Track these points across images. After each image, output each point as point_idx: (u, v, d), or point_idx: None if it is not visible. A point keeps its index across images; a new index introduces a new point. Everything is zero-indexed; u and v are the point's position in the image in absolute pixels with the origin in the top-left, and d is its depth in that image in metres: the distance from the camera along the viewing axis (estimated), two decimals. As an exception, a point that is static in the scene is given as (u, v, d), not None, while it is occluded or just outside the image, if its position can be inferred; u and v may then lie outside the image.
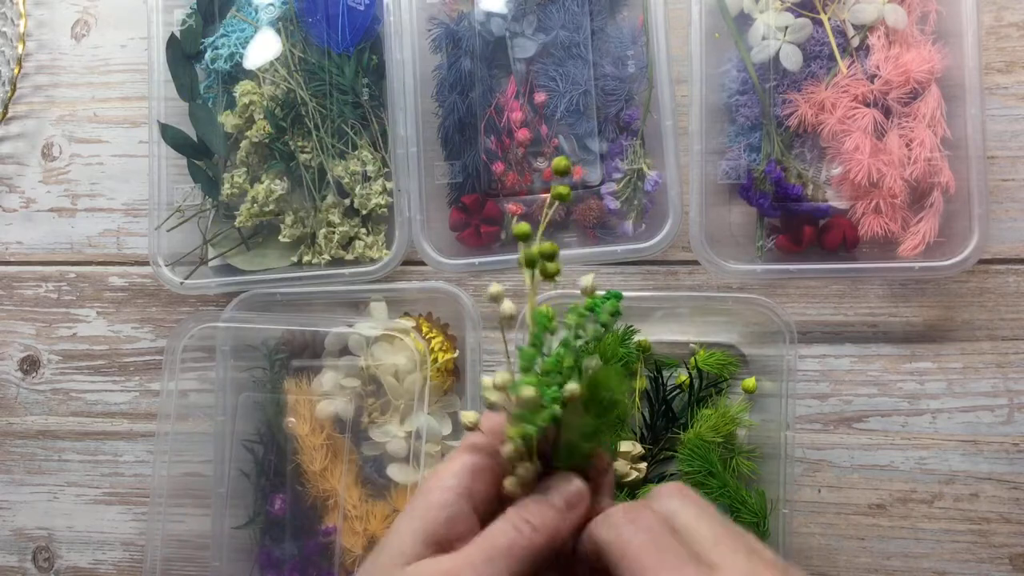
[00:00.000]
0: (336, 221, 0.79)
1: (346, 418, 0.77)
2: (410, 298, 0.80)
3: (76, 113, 0.86)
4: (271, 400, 0.79)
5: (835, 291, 0.77)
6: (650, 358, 0.76)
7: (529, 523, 0.48)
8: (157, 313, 0.85)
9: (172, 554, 0.80)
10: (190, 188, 0.81)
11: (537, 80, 0.78)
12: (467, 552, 0.47)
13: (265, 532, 0.79)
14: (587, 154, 0.78)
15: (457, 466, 0.50)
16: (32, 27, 0.87)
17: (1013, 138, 0.76)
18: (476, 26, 0.78)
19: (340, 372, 0.77)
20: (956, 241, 0.72)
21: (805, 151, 0.76)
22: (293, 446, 0.78)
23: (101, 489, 0.85)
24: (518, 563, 0.47)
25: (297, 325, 0.79)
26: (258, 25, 0.80)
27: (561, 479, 0.50)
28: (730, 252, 0.75)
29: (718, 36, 0.76)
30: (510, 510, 0.49)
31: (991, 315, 0.76)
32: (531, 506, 0.49)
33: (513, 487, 0.50)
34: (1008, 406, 0.75)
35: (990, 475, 0.75)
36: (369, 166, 0.79)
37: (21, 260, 0.87)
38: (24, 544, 0.86)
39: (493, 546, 0.47)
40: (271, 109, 0.78)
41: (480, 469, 0.50)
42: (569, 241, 0.79)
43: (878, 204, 0.74)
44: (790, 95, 0.75)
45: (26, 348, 0.86)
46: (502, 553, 0.47)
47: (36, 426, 0.86)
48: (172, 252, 0.80)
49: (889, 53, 0.74)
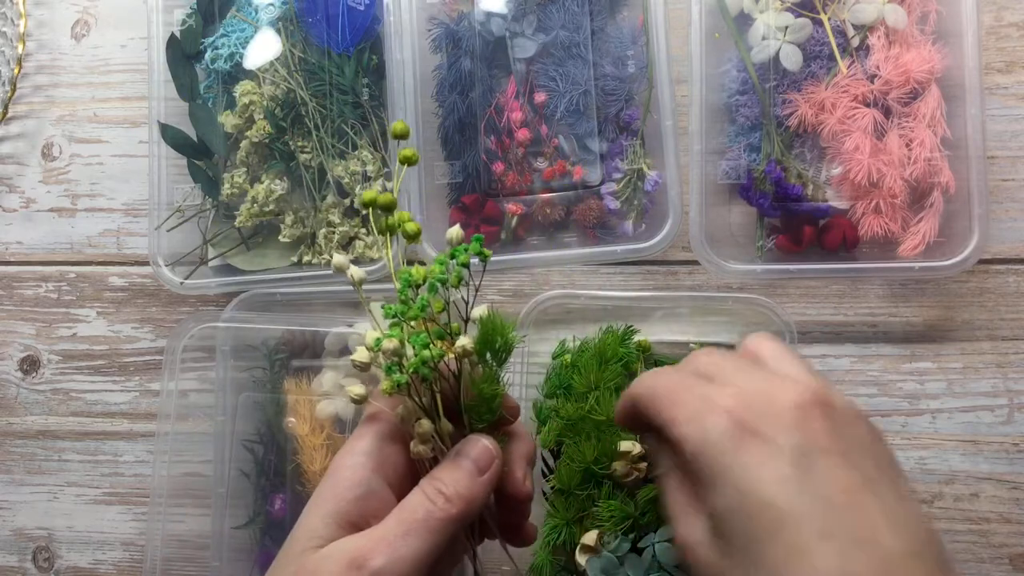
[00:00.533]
0: (336, 221, 0.79)
1: (346, 418, 0.77)
2: (410, 298, 0.80)
3: (76, 113, 0.86)
4: (271, 400, 0.79)
5: (835, 291, 0.77)
6: (650, 358, 0.76)
7: (443, 494, 0.48)
8: (157, 313, 0.85)
9: (172, 554, 0.80)
10: (190, 188, 0.81)
11: (537, 80, 0.78)
12: (382, 528, 0.47)
13: (265, 532, 0.78)
14: (587, 154, 0.78)
15: (364, 442, 0.50)
16: (32, 27, 0.87)
17: (1013, 138, 0.76)
18: (476, 26, 0.78)
19: (340, 372, 0.77)
20: (956, 241, 0.72)
21: (805, 151, 0.76)
22: (293, 446, 0.78)
23: (101, 489, 0.85)
24: (434, 535, 0.47)
25: (297, 325, 0.79)
26: (258, 25, 0.80)
27: (470, 442, 0.51)
28: (730, 252, 0.75)
29: (718, 36, 0.76)
30: (423, 481, 0.49)
31: (991, 315, 0.76)
32: (443, 474, 0.49)
33: (418, 448, 0.50)
34: (1008, 406, 0.75)
35: (990, 475, 0.75)
36: (369, 166, 0.79)
37: (21, 260, 0.87)
38: (24, 544, 0.86)
39: (409, 520, 0.47)
40: (271, 109, 0.78)
41: (387, 440, 0.50)
42: (569, 241, 0.79)
43: (878, 204, 0.74)
44: (790, 95, 0.75)
45: (26, 348, 0.86)
46: (419, 527, 0.47)
47: (36, 426, 0.86)
48: (172, 252, 0.80)
49: (889, 53, 0.74)
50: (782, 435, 0.44)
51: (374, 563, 0.45)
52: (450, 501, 0.48)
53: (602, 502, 0.70)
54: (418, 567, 0.46)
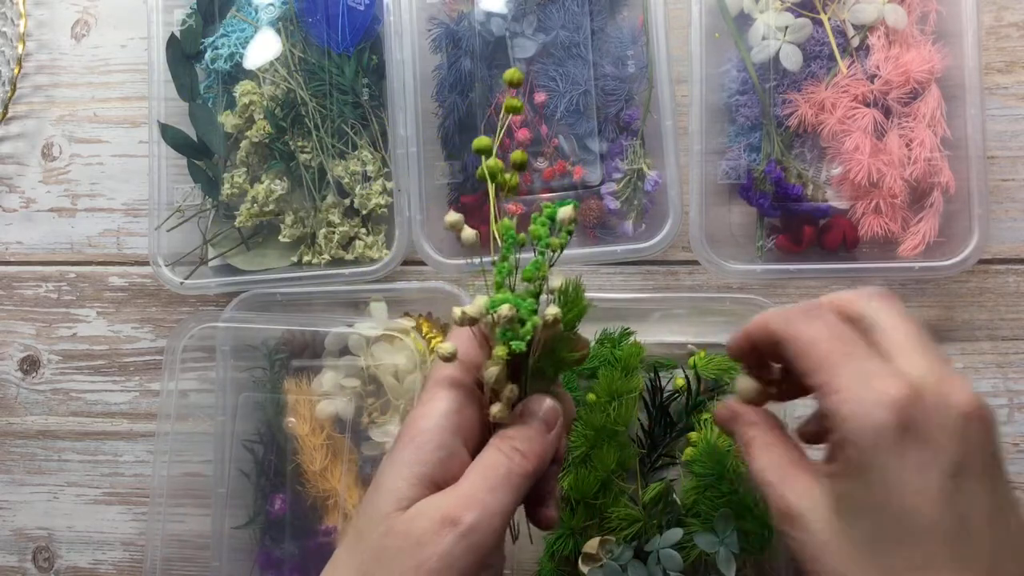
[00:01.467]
0: (336, 221, 0.79)
1: (346, 418, 0.77)
2: (410, 298, 0.80)
3: (76, 113, 0.86)
4: (271, 400, 0.79)
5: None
6: (647, 360, 0.75)
7: (518, 450, 0.49)
8: (157, 313, 0.85)
9: (172, 554, 0.80)
10: (190, 188, 0.81)
11: (537, 80, 0.78)
12: (468, 486, 0.48)
13: (265, 532, 0.78)
14: (587, 154, 0.78)
15: (443, 404, 0.50)
16: (32, 27, 0.87)
17: (1013, 138, 0.76)
18: (476, 26, 0.78)
19: (340, 372, 0.77)
20: (956, 241, 0.72)
21: (805, 151, 0.76)
22: (293, 446, 0.78)
23: (101, 489, 0.85)
24: (516, 490, 0.48)
25: (297, 325, 0.79)
26: (258, 25, 0.80)
27: (535, 402, 0.51)
28: (730, 252, 0.75)
29: (718, 36, 0.76)
30: (496, 439, 0.50)
31: (991, 315, 0.76)
32: (516, 433, 0.50)
33: (501, 413, 0.50)
34: (1008, 406, 0.75)
35: (990, 475, 0.75)
36: (369, 166, 0.79)
37: (21, 260, 0.87)
38: (24, 544, 0.86)
39: (492, 476, 0.48)
40: (271, 109, 0.78)
41: (464, 402, 0.51)
42: (569, 241, 0.79)
43: (878, 204, 0.74)
44: (790, 95, 0.75)
45: (26, 348, 0.86)
46: (502, 483, 0.48)
47: (36, 426, 0.86)
48: (172, 252, 0.80)
49: (889, 53, 0.74)
50: (946, 444, 0.44)
51: (467, 518, 0.45)
52: (526, 457, 0.49)
53: (613, 509, 0.70)
54: (505, 520, 0.47)
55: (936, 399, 0.44)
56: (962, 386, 0.45)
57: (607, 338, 0.75)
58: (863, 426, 0.44)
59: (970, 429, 0.44)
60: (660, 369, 0.75)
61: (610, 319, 0.76)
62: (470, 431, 0.51)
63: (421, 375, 0.74)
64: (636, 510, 0.70)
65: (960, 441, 0.44)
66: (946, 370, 0.46)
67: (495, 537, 0.47)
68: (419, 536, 0.45)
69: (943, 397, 0.44)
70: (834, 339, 0.48)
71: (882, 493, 0.44)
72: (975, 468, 0.44)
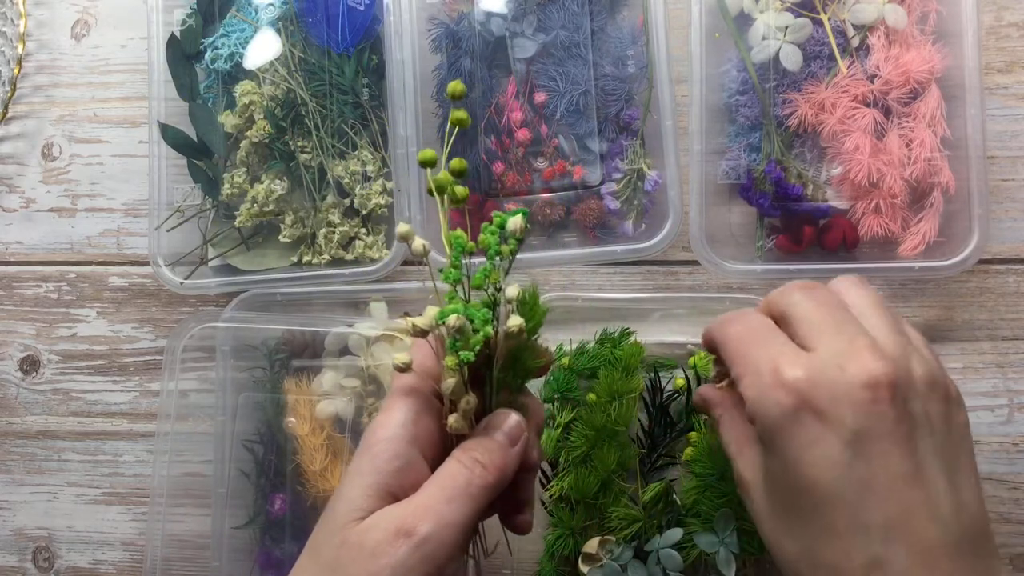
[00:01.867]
0: (336, 221, 0.79)
1: (346, 418, 0.77)
2: (410, 298, 0.79)
3: (76, 113, 0.86)
4: (271, 400, 0.79)
5: (835, 291, 0.77)
6: (647, 360, 0.75)
7: (479, 462, 0.49)
8: (157, 313, 0.85)
9: (172, 554, 0.80)
10: (190, 188, 0.81)
11: (537, 80, 0.78)
12: (424, 496, 0.48)
13: (265, 532, 0.78)
14: (587, 154, 0.78)
15: (400, 414, 0.51)
16: (32, 27, 0.87)
17: (1013, 138, 0.76)
18: (476, 26, 0.78)
19: (340, 372, 0.77)
20: (956, 241, 0.72)
21: (805, 151, 0.76)
22: (293, 446, 0.78)
23: (101, 489, 0.85)
24: (475, 502, 0.48)
25: (297, 325, 0.79)
26: (258, 25, 0.80)
27: (499, 416, 0.52)
28: (730, 252, 0.75)
29: (718, 36, 0.76)
30: (457, 451, 0.50)
31: (991, 315, 0.76)
32: (477, 445, 0.50)
33: (458, 423, 0.50)
34: (1008, 406, 0.75)
35: (990, 475, 0.75)
36: (369, 166, 0.79)
37: (21, 260, 0.87)
38: (24, 544, 0.86)
39: (451, 487, 0.48)
40: (271, 109, 0.78)
41: (421, 412, 0.51)
42: (569, 241, 0.79)
43: (878, 204, 0.74)
44: (790, 95, 0.75)
45: (26, 348, 0.86)
46: (460, 494, 0.48)
47: (36, 426, 0.86)
48: (172, 252, 0.80)
49: (889, 53, 0.74)
50: (844, 416, 0.45)
51: (422, 529, 0.45)
52: (487, 469, 0.49)
53: (613, 509, 0.70)
54: (463, 532, 0.47)
55: (834, 373, 0.46)
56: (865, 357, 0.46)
57: (607, 338, 0.75)
58: (764, 408, 0.47)
59: (877, 398, 0.45)
60: (660, 369, 0.75)
61: (610, 319, 0.76)
62: (428, 441, 0.51)
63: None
64: (636, 510, 0.70)
65: (861, 410, 0.45)
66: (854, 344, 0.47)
67: (451, 549, 0.46)
68: (373, 547, 0.45)
69: (841, 370, 0.46)
70: (748, 333, 0.51)
71: (787, 469, 0.47)
72: (877, 434, 0.45)
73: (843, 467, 0.45)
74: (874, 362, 0.46)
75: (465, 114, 0.53)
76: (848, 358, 0.46)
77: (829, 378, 0.46)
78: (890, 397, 0.45)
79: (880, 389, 0.45)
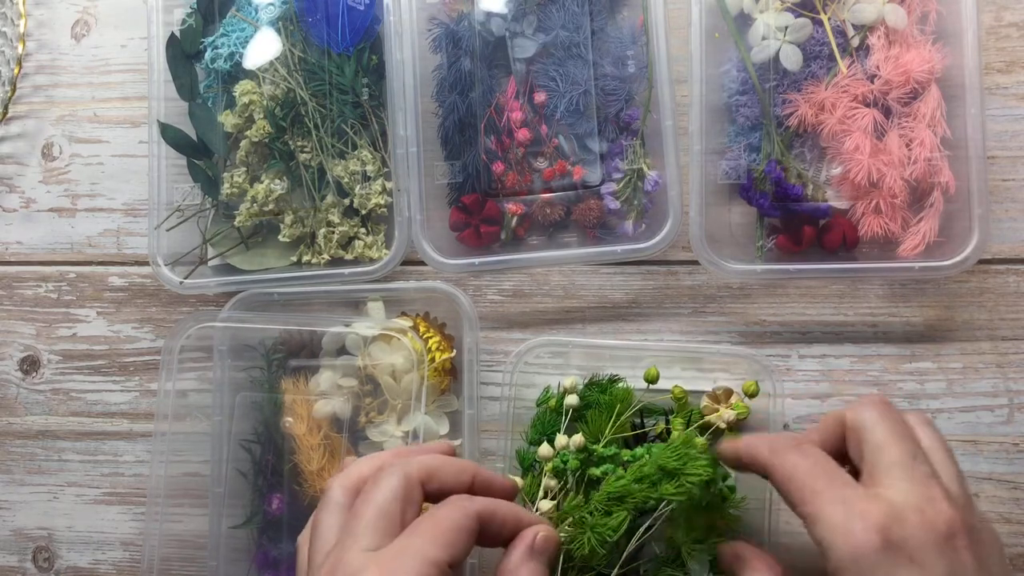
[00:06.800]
0: (336, 221, 0.79)
1: (343, 418, 0.77)
2: (408, 298, 0.79)
3: (76, 113, 0.86)
4: (268, 400, 0.79)
5: (835, 291, 0.77)
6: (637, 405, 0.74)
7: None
8: (157, 313, 0.85)
9: (170, 554, 0.80)
10: (190, 188, 0.81)
11: (537, 80, 0.78)
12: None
13: (262, 532, 0.78)
14: (587, 154, 0.78)
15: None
16: (32, 27, 0.87)
17: (1013, 138, 0.76)
18: (476, 26, 0.78)
19: (337, 372, 0.77)
20: (956, 241, 0.72)
21: (805, 151, 0.76)
22: (290, 446, 0.78)
23: (101, 489, 0.85)
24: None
25: (294, 325, 0.79)
26: (258, 25, 0.80)
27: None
28: (730, 252, 0.75)
29: (718, 36, 0.76)
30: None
31: (991, 315, 0.75)
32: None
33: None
34: (1008, 406, 0.75)
35: (990, 475, 0.75)
36: (369, 166, 0.79)
37: (21, 260, 0.87)
38: (24, 544, 0.86)
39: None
40: (271, 109, 0.78)
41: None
42: (569, 241, 0.79)
43: (878, 204, 0.73)
44: (790, 95, 0.75)
45: (26, 348, 0.86)
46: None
47: (36, 426, 0.86)
48: (172, 252, 0.80)
49: (889, 53, 0.74)
50: (932, 562, 0.46)
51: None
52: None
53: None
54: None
55: (918, 519, 0.46)
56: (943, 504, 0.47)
57: (595, 383, 0.75)
58: (851, 551, 0.46)
59: (957, 546, 0.46)
60: (648, 415, 0.74)
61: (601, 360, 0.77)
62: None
63: (418, 375, 0.74)
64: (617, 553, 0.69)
65: (945, 557, 0.46)
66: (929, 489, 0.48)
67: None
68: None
69: (924, 516, 0.47)
70: (814, 468, 0.51)
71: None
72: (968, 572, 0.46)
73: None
74: (949, 511, 0.47)
75: None
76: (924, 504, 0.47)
77: (915, 523, 0.46)
78: (968, 545, 0.47)
79: (959, 536, 0.47)
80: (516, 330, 0.80)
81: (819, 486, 0.49)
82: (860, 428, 0.52)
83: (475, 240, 0.78)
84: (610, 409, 0.72)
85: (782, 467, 0.52)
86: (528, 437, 0.74)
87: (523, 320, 0.80)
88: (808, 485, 0.50)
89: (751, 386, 0.72)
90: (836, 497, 0.48)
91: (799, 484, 0.50)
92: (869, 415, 0.52)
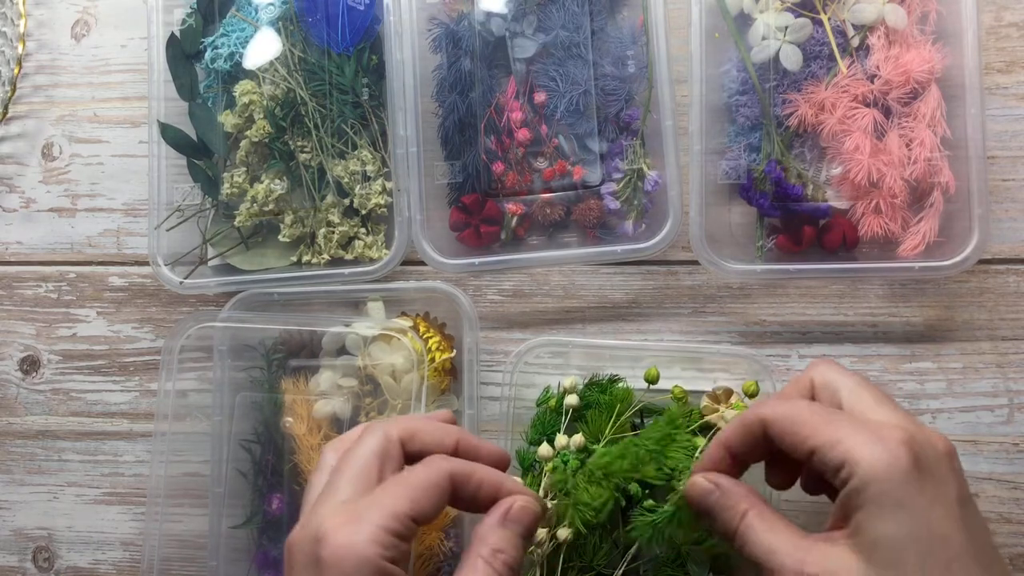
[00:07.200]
0: (336, 221, 0.79)
1: (343, 418, 0.77)
2: (408, 298, 0.79)
3: (76, 113, 0.86)
4: (268, 400, 0.79)
5: (835, 291, 0.77)
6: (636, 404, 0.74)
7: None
8: (157, 313, 0.85)
9: (170, 554, 0.80)
10: (190, 188, 0.81)
11: (537, 80, 0.78)
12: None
13: (262, 532, 0.78)
14: (587, 154, 0.78)
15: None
16: (32, 27, 0.87)
17: (1013, 138, 0.76)
18: (476, 26, 0.78)
19: (337, 372, 0.77)
20: (956, 241, 0.72)
21: (805, 151, 0.76)
22: (290, 446, 0.78)
23: (101, 489, 0.85)
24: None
25: (294, 325, 0.79)
26: (258, 25, 0.80)
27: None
28: (730, 252, 0.75)
29: (718, 36, 0.76)
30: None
31: (991, 315, 0.75)
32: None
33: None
34: (1008, 406, 0.75)
35: (990, 475, 0.75)
36: (369, 166, 0.79)
37: (21, 260, 0.87)
38: (24, 544, 0.86)
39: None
40: (271, 109, 0.78)
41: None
42: (569, 241, 0.79)
43: (878, 204, 0.73)
44: (790, 95, 0.75)
45: (26, 348, 0.86)
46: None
47: (36, 426, 0.86)
48: (172, 252, 0.80)
49: (889, 53, 0.74)
50: (948, 477, 0.49)
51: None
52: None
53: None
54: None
55: (928, 441, 0.49)
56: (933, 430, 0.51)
57: (595, 383, 0.75)
58: (884, 464, 0.47)
59: (956, 467, 0.50)
60: (648, 415, 0.74)
61: (601, 360, 0.77)
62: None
63: (418, 375, 0.74)
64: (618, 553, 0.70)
65: (955, 475, 0.49)
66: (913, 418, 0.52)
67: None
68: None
69: (927, 438, 0.50)
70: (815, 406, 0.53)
71: (916, 527, 0.47)
72: (968, 496, 0.50)
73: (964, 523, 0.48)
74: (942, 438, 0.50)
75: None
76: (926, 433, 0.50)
77: (927, 446, 0.49)
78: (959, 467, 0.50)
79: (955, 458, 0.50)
80: (516, 330, 0.80)
81: (831, 417, 0.51)
82: (831, 381, 0.54)
83: (475, 240, 0.78)
84: (610, 409, 0.72)
85: (785, 414, 0.52)
86: (528, 437, 0.74)
87: (523, 320, 0.80)
88: (819, 417, 0.51)
89: (751, 386, 0.71)
90: (853, 421, 0.50)
91: (804, 420, 0.51)
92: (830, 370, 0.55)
